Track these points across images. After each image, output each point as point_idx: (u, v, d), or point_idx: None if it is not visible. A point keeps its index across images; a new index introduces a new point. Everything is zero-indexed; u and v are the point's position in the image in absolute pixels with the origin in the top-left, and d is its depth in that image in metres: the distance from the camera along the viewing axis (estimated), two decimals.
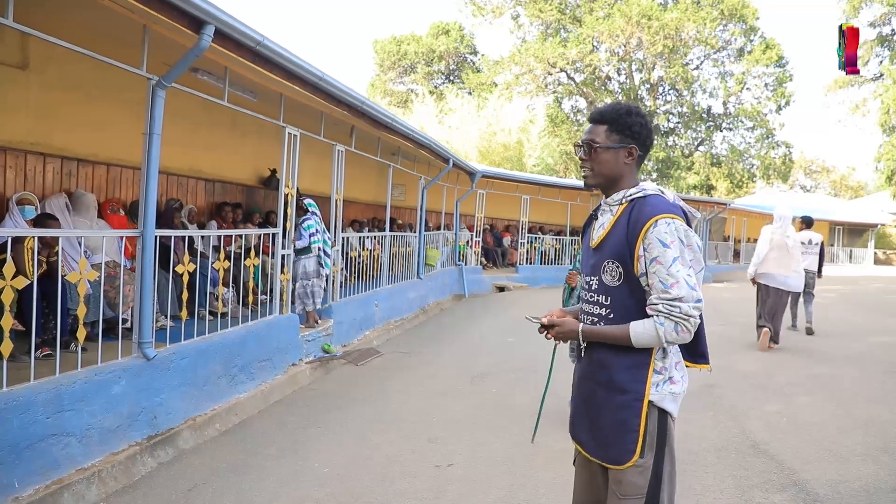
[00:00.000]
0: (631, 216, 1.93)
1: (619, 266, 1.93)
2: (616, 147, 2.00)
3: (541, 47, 32.01)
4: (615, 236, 1.96)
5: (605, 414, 1.98)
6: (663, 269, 1.85)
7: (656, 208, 1.90)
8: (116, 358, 3.99)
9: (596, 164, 2.02)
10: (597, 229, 2.08)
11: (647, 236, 1.87)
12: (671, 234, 1.86)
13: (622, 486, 1.94)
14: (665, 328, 1.84)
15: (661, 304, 1.85)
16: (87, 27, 4.35)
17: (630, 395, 1.93)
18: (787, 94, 32.99)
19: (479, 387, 6.08)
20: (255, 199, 9.15)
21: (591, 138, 2.02)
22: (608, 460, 1.97)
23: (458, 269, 13.85)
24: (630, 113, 2.01)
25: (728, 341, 8.59)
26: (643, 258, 1.89)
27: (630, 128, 2.00)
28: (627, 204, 1.98)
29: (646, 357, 1.93)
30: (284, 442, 4.49)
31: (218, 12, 4.03)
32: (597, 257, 2.02)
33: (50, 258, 4.43)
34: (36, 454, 3.30)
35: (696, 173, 35.43)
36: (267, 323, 5.80)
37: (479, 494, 3.67)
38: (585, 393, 2.07)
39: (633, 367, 1.94)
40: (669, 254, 1.85)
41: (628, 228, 1.91)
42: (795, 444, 4.58)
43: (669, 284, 1.84)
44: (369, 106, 6.98)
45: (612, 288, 1.96)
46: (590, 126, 2.06)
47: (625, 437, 1.93)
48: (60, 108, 5.74)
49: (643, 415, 1.91)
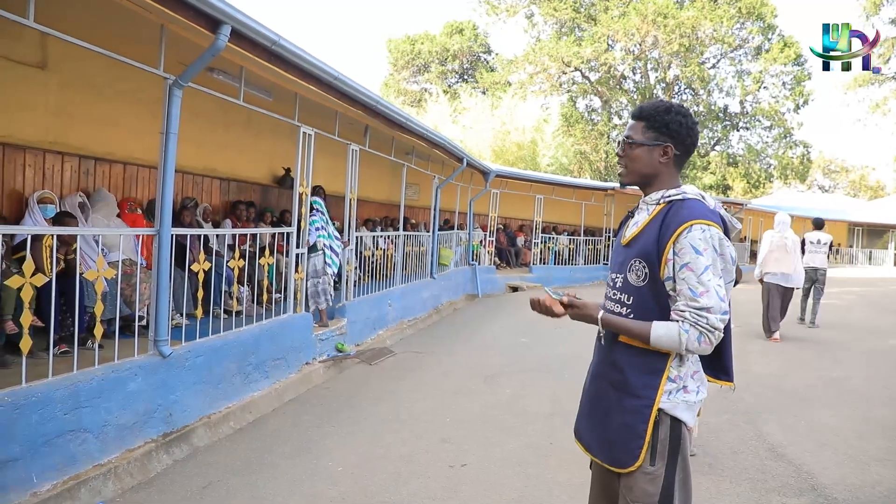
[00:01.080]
0: (666, 218, 1.88)
1: (646, 266, 1.89)
2: (650, 144, 1.96)
3: (555, 46, 31.90)
4: (647, 236, 1.92)
5: (612, 415, 1.96)
6: (694, 276, 1.79)
7: (693, 213, 1.85)
8: (133, 355, 4.03)
9: (630, 160, 2.00)
10: (630, 227, 2.04)
11: (680, 241, 1.82)
12: (705, 242, 1.81)
13: (633, 493, 1.91)
14: (689, 336, 1.79)
15: (688, 312, 1.79)
16: (105, 27, 4.38)
17: (640, 401, 1.90)
18: (806, 92, 32.62)
19: (493, 387, 6.07)
20: (270, 199, 9.19)
21: (629, 134, 1.99)
22: (612, 462, 1.95)
23: (471, 269, 13.83)
24: (669, 110, 1.95)
25: (744, 343, 8.51)
26: (672, 262, 1.84)
27: (667, 125, 1.94)
28: (665, 205, 1.93)
29: (661, 363, 1.90)
30: (298, 440, 4.51)
31: (234, 12, 4.05)
32: (625, 254, 1.98)
33: (68, 256, 4.48)
34: (54, 450, 3.33)
35: (713, 173, 35.16)
36: (281, 322, 5.82)
37: (493, 495, 3.67)
38: (596, 392, 2.05)
39: (648, 373, 1.90)
40: (702, 261, 1.79)
41: (661, 229, 1.87)
42: (813, 448, 4.53)
43: (699, 293, 1.78)
44: (384, 105, 6.98)
45: (635, 288, 1.92)
46: (630, 122, 2.02)
47: (630, 441, 1.90)
48: (78, 107, 5.80)
49: (651, 422, 1.88)
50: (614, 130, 36.25)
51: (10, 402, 3.13)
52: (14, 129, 5.26)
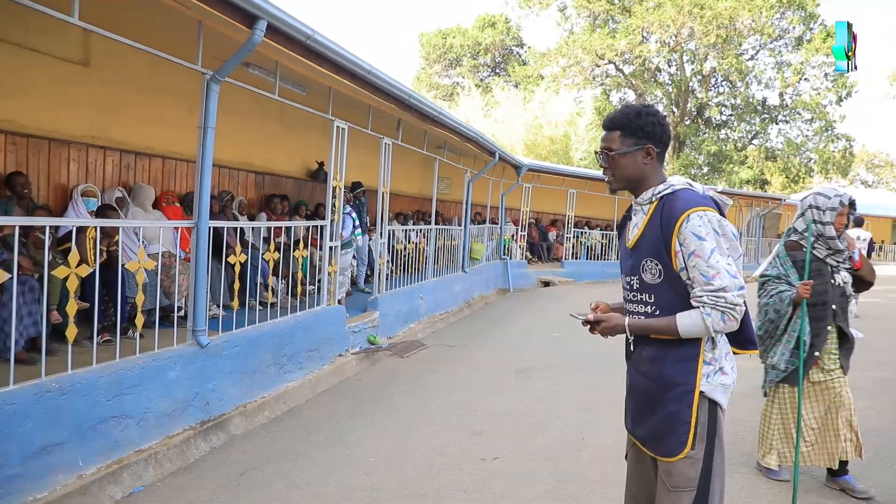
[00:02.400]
0: (663, 213, 1.95)
1: (658, 264, 1.95)
2: (633, 150, 2.02)
3: (588, 39, 31.53)
4: (650, 235, 1.98)
5: (657, 407, 2.00)
6: (703, 261, 1.86)
7: (687, 203, 1.91)
8: (172, 345, 4.13)
9: (616, 170, 2.05)
10: (631, 230, 2.10)
11: (682, 231, 1.89)
12: (705, 227, 1.87)
13: (673, 478, 1.95)
14: (712, 318, 1.86)
15: (705, 296, 1.86)
16: (145, 24, 4.48)
17: (682, 388, 1.95)
18: (849, 84, 31.66)
19: (524, 381, 6.06)
20: (304, 192, 9.30)
21: (607, 146, 2.05)
22: (661, 453, 1.99)
23: (502, 264, 13.81)
24: (640, 114, 2.02)
25: None
26: (680, 253, 1.90)
27: (643, 129, 2.01)
28: (658, 201, 2.00)
29: (695, 349, 1.95)
30: (332, 431, 4.57)
31: (270, 7, 4.10)
32: (634, 257, 2.04)
33: (110, 248, 4.61)
34: (98, 434, 3.44)
35: (750, 167, 34.39)
36: (315, 314, 5.90)
37: (525, 488, 3.67)
38: (638, 388, 2.10)
39: (683, 360, 1.96)
40: (706, 246, 1.86)
41: (662, 226, 1.94)
42: None
43: (711, 276, 1.85)
44: (416, 99, 7.01)
45: (653, 286, 1.98)
46: (604, 134, 2.08)
47: (677, 428, 1.94)
48: (119, 103, 5.94)
49: (694, 406, 1.93)
50: None
51: (57, 388, 3.24)
52: (59, 125, 5.43)
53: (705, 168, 34.71)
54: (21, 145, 5.13)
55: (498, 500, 3.53)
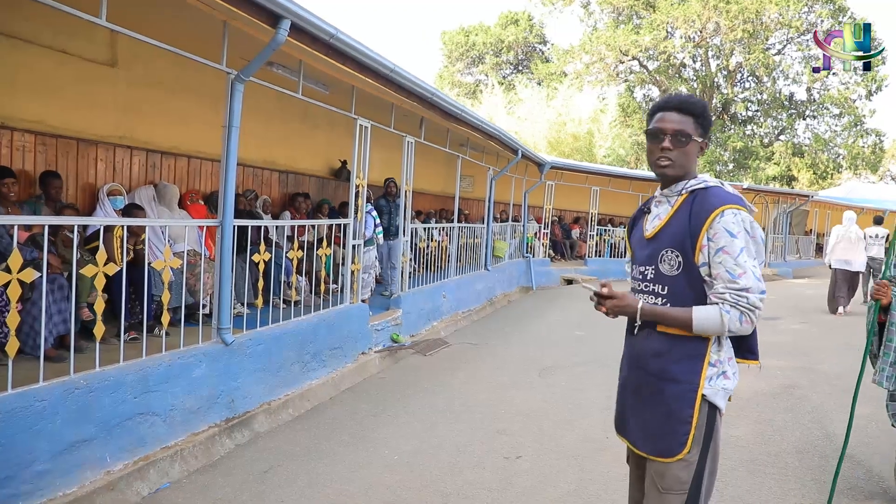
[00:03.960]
0: (693, 206, 1.92)
1: (679, 255, 1.91)
2: (699, 141, 1.99)
3: (612, 35, 31.24)
4: (675, 226, 1.94)
5: (656, 405, 1.95)
6: (730, 258, 1.83)
7: (721, 199, 1.89)
8: (197, 343, 4.17)
9: (681, 155, 1.97)
10: (650, 220, 2.07)
11: (714, 226, 1.86)
12: (738, 225, 1.85)
13: (665, 480, 1.92)
14: (730, 316, 1.82)
15: (728, 294, 1.83)
16: (170, 25, 4.52)
17: (684, 386, 1.90)
18: (879, 78, 30.95)
19: (548, 379, 6.03)
20: (327, 191, 9.34)
21: (683, 129, 1.96)
22: (657, 453, 1.94)
23: (525, 262, 13.75)
24: (706, 108, 2.02)
25: (810, 340, 8.19)
26: (707, 248, 1.87)
27: (708, 123, 2.01)
28: (687, 195, 1.97)
29: (702, 348, 1.91)
30: (355, 429, 4.58)
31: (294, 7, 4.11)
32: (653, 247, 2.00)
33: (137, 246, 4.66)
34: (125, 431, 3.49)
35: (777, 164, 33.81)
36: (338, 312, 5.92)
37: (549, 487, 3.64)
38: (635, 384, 2.04)
39: (689, 358, 1.91)
40: (737, 244, 1.84)
41: (691, 218, 1.90)
42: (885, 451, 4.31)
43: (737, 274, 1.82)
44: (439, 97, 6.99)
45: (669, 277, 1.94)
46: (674, 115, 1.98)
47: (677, 428, 1.90)
48: (145, 103, 6.02)
49: (696, 406, 1.89)
50: None
51: (85, 385, 3.29)
52: (86, 125, 5.51)
53: (731, 165, 34.18)
54: (51, 145, 5.22)
55: (521, 498, 3.51)
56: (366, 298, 6.75)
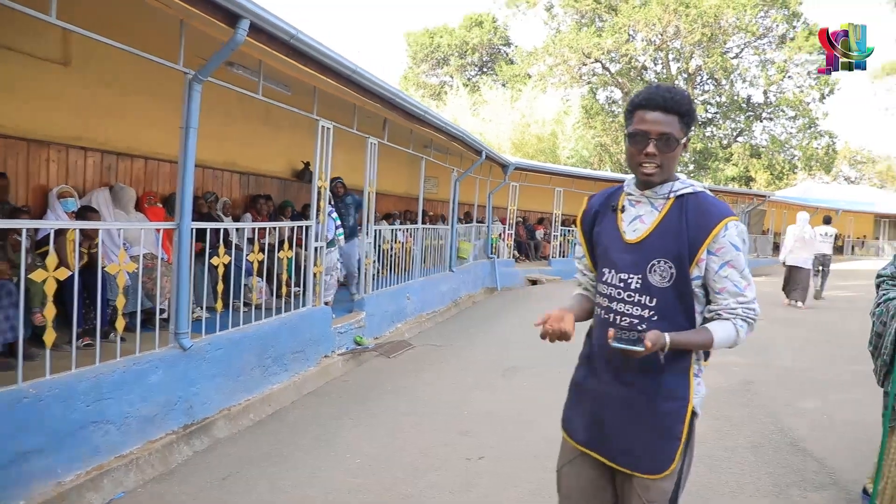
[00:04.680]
0: (689, 215, 1.80)
1: (673, 266, 1.79)
2: (684, 141, 1.83)
3: (575, 37, 31.64)
4: (668, 235, 1.81)
5: (646, 422, 1.86)
6: (737, 272, 1.79)
7: (720, 210, 1.82)
8: (154, 348, 4.07)
9: (667, 160, 1.80)
10: (630, 222, 1.89)
11: (719, 240, 1.78)
12: (740, 237, 1.81)
13: (650, 493, 1.86)
14: (744, 330, 1.82)
15: (739, 308, 1.80)
16: (126, 23, 4.42)
17: (678, 402, 1.85)
18: (832, 81, 31.98)
19: (511, 380, 6.06)
20: (290, 193, 9.24)
21: (669, 132, 1.77)
22: (645, 470, 1.85)
23: (490, 262, 13.80)
24: (692, 102, 1.85)
25: (766, 336, 8.40)
26: (705, 261, 1.79)
27: (694, 118, 1.87)
28: (675, 199, 1.83)
29: (688, 361, 1.86)
30: (317, 433, 4.54)
31: (253, 6, 4.06)
32: (639, 255, 1.84)
33: (91, 250, 4.55)
34: (77, 441, 3.39)
35: (735, 165, 34.67)
36: (300, 315, 5.86)
37: (511, 488, 3.66)
38: (620, 400, 1.90)
39: (680, 373, 1.86)
40: (741, 257, 1.81)
41: (688, 229, 1.79)
42: (835, 443, 4.47)
43: (744, 287, 1.80)
44: (402, 98, 6.98)
45: (659, 289, 1.81)
46: (658, 114, 1.78)
47: (667, 445, 1.84)
48: (100, 103, 5.87)
49: (687, 421, 1.85)
50: None
51: (34, 393, 3.19)
52: (38, 125, 5.35)
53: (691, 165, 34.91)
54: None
55: (482, 499, 3.52)
56: (328, 301, 6.69)
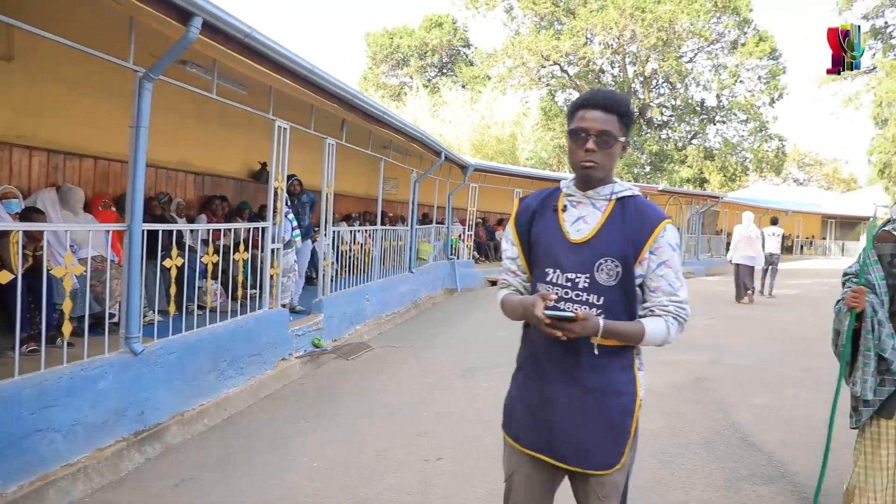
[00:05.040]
0: (629, 216, 1.86)
1: (619, 265, 1.84)
2: (622, 140, 1.88)
3: (534, 40, 31.98)
4: (613, 235, 1.86)
5: (597, 420, 1.88)
6: (672, 272, 1.87)
7: (658, 212, 1.90)
8: (103, 353, 3.96)
9: (606, 157, 1.85)
10: (573, 223, 1.92)
11: (658, 240, 1.85)
12: (676, 239, 1.90)
13: (605, 488, 1.91)
14: (676, 328, 1.88)
15: (672, 306, 1.87)
16: (74, 19, 4.30)
17: (626, 397, 1.90)
18: (781, 86, 33.08)
19: (470, 381, 6.08)
20: (246, 193, 9.10)
21: (608, 129, 1.82)
22: (597, 466, 1.88)
23: (450, 263, 13.84)
24: (630, 105, 1.93)
25: (718, 334, 8.62)
26: (648, 260, 1.85)
27: (632, 121, 1.94)
28: (615, 201, 1.89)
29: (631, 357, 1.92)
30: (274, 436, 4.48)
31: (205, 4, 3.98)
32: (585, 254, 1.87)
33: (36, 252, 4.39)
34: (20, 450, 3.27)
35: (690, 166, 35.50)
36: (256, 317, 5.78)
37: (468, 488, 3.68)
38: (567, 400, 1.90)
39: (626, 368, 1.91)
40: (676, 258, 1.88)
41: (632, 229, 1.85)
42: (784, 437, 4.60)
43: (677, 287, 1.88)
44: (360, 99, 6.94)
45: (606, 287, 1.85)
46: (598, 113, 1.83)
47: (618, 439, 1.89)
48: (46, 100, 5.69)
49: (636, 414, 1.90)
50: None
51: None
52: None
53: (647, 167, 35.60)
54: None
55: (441, 500, 3.53)
56: (286, 303, 6.61)
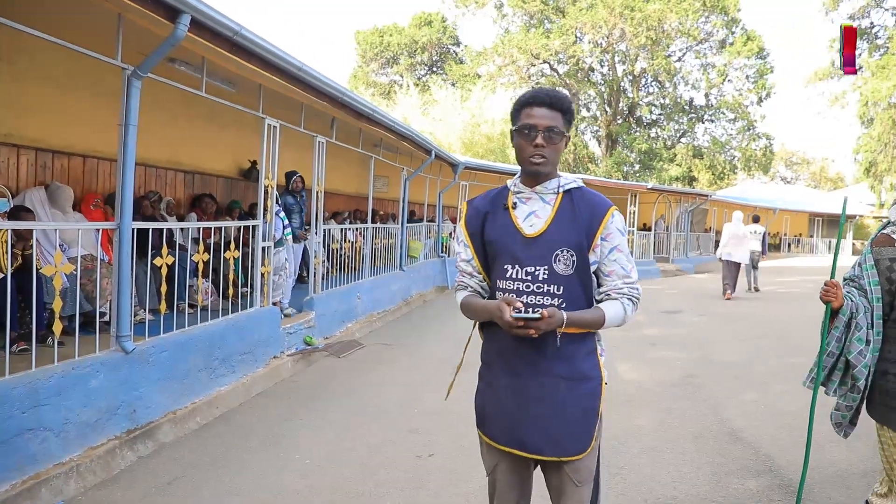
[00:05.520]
0: (579, 206, 1.96)
1: (574, 255, 1.92)
2: (567, 137, 1.99)
3: (524, 38, 32.03)
4: (564, 226, 1.94)
5: (568, 407, 1.94)
6: (623, 256, 1.98)
7: (604, 200, 2.01)
8: (94, 352, 3.95)
9: (554, 151, 1.95)
10: (525, 218, 1.99)
11: (608, 226, 1.96)
12: (622, 224, 2.00)
13: (580, 474, 1.97)
14: (630, 309, 1.98)
15: (626, 288, 1.97)
16: (61, 16, 4.27)
17: (593, 382, 1.98)
18: (768, 85, 33.30)
19: (461, 378, 6.09)
20: (237, 192, 9.08)
21: (555, 125, 1.92)
22: (572, 452, 1.93)
23: (440, 261, 13.86)
24: (572, 103, 2.09)
25: (707, 331, 8.69)
26: (600, 247, 1.96)
27: (573, 118, 2.05)
28: (563, 194, 1.98)
29: (594, 342, 2.01)
30: (266, 434, 4.49)
31: (193, 1, 3.97)
32: (542, 247, 1.93)
33: (25, 251, 4.37)
34: (12, 449, 3.26)
35: (678, 165, 35.67)
36: (248, 315, 5.77)
37: (460, 484, 3.70)
38: (537, 392, 1.95)
39: (590, 354, 2.00)
40: (625, 242, 1.99)
41: (583, 218, 1.95)
42: (771, 432, 4.65)
43: (629, 269, 1.99)
44: (349, 97, 6.94)
45: (564, 277, 1.92)
46: (544, 110, 1.93)
47: (588, 423, 1.96)
48: (33, 98, 5.64)
49: (602, 398, 1.99)
50: (582, 123, 36.50)
51: None
52: None
53: (637, 165, 35.74)
54: None
55: (433, 496, 3.55)
56: (277, 301, 6.60)
